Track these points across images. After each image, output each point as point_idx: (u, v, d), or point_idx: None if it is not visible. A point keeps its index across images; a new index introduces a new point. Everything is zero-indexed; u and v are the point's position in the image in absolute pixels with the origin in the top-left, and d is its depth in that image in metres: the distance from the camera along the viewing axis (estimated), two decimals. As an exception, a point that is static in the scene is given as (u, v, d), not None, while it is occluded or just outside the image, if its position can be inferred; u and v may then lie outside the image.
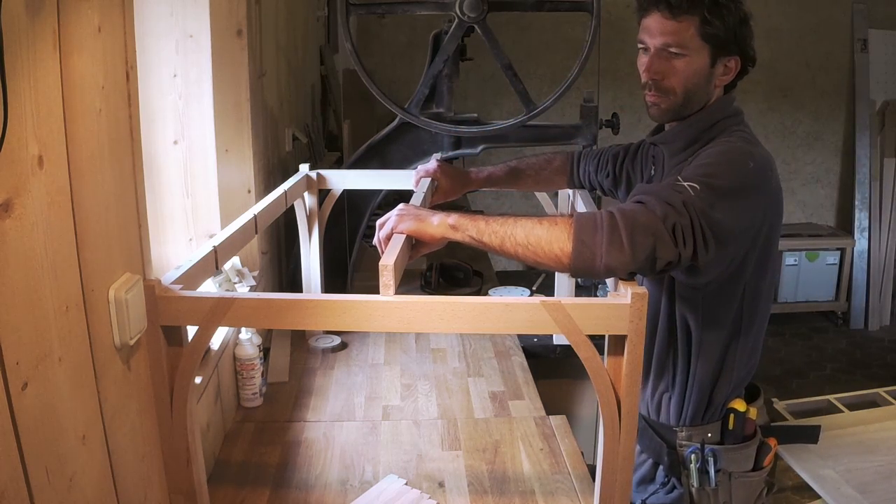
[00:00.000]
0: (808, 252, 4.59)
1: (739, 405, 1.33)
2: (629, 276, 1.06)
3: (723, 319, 1.30)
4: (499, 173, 1.75)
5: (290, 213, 1.77)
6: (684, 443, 1.35)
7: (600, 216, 1.06)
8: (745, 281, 1.27)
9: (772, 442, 1.37)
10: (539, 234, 1.06)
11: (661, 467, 1.41)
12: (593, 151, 1.72)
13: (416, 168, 1.74)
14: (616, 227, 1.04)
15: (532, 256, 1.07)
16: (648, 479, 1.44)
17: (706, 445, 1.32)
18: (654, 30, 1.28)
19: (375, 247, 1.16)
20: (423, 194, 1.46)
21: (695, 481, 1.32)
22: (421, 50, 2.02)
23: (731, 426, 1.33)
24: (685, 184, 1.11)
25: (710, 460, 1.31)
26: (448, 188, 1.69)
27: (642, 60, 1.31)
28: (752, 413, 1.34)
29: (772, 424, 1.45)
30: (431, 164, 1.70)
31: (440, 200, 1.69)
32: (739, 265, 1.24)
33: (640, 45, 1.32)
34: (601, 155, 1.68)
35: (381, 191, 2.17)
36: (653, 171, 1.46)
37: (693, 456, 1.33)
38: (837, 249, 4.64)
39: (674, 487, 1.40)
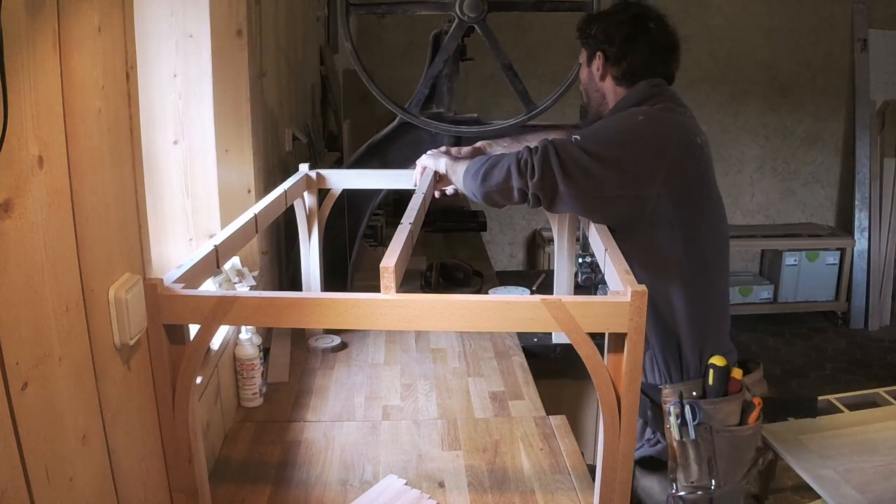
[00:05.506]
0: (808, 252, 4.59)
1: (718, 360, 1.40)
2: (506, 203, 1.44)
3: (663, 271, 1.40)
4: (465, 157, 1.73)
5: (289, 213, 1.77)
6: (667, 399, 1.42)
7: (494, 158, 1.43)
8: (679, 231, 1.39)
9: (756, 401, 1.42)
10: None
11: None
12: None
13: (415, 167, 1.75)
14: (485, 163, 1.43)
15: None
16: (638, 436, 1.50)
17: (685, 400, 1.39)
18: None
19: (375, 247, 1.18)
20: (422, 195, 1.46)
21: (676, 433, 1.38)
22: (421, 50, 2.02)
23: (710, 381, 1.40)
24: (572, 136, 1.35)
25: (689, 413, 1.37)
26: None
27: None
28: (737, 373, 1.41)
29: (769, 397, 1.50)
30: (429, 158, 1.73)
31: (445, 185, 1.73)
32: (656, 211, 1.36)
33: None
34: None
35: (381, 191, 2.16)
36: None
37: (672, 409, 1.39)
38: (837, 249, 4.65)
39: (658, 441, 1.48)
